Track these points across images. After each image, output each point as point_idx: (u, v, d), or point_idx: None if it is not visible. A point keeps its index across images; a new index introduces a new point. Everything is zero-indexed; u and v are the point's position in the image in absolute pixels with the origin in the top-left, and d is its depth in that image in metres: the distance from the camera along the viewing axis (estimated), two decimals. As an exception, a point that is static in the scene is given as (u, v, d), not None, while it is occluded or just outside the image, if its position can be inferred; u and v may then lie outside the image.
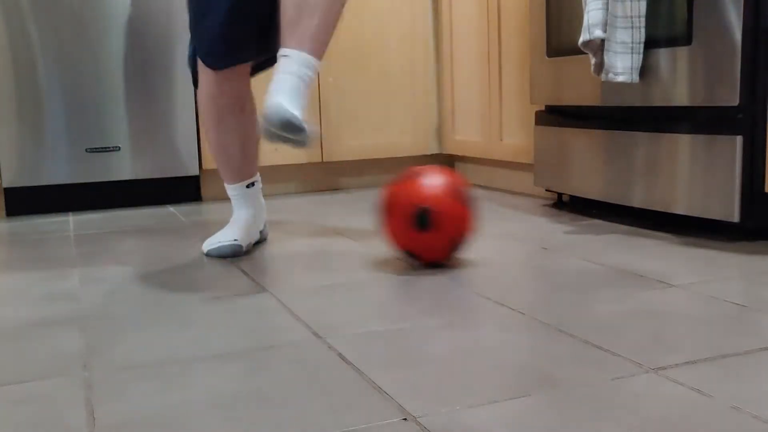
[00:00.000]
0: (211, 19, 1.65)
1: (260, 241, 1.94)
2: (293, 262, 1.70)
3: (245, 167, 1.83)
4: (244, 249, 1.80)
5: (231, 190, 1.85)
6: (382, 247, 1.81)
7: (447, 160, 3.13)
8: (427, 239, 1.54)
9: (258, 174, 1.88)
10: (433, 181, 1.55)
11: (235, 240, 1.79)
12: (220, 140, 1.79)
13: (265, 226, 1.94)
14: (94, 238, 2.08)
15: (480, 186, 2.91)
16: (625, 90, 1.94)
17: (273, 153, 2.78)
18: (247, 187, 1.84)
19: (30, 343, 1.19)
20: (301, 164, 2.88)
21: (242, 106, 1.77)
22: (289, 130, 1.42)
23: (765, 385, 0.93)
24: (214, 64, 1.69)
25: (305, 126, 1.42)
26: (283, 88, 1.44)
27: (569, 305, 1.28)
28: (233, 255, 1.78)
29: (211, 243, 1.81)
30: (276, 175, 2.87)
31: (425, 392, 0.94)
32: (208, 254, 1.80)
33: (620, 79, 1.83)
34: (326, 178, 2.95)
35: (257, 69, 1.84)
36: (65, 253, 1.88)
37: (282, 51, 1.49)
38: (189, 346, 1.15)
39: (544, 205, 2.36)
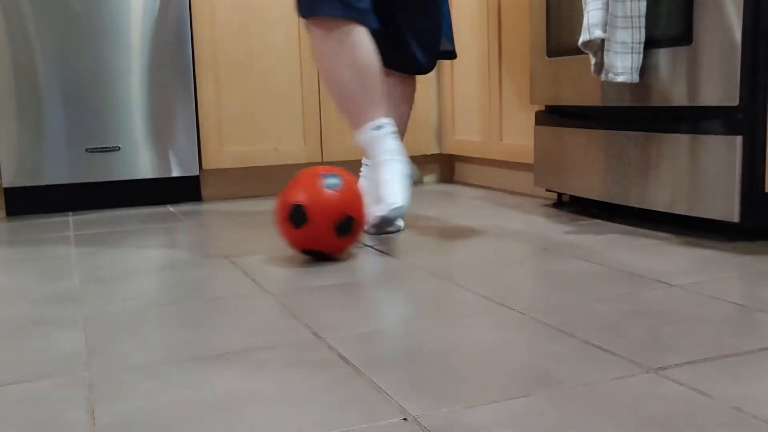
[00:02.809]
0: None
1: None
2: (293, 262, 1.70)
3: (371, 105, 1.81)
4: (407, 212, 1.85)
5: (360, 135, 1.84)
6: (383, 247, 1.81)
7: (447, 160, 3.13)
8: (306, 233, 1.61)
9: (389, 118, 1.85)
10: (299, 180, 1.64)
11: (401, 206, 1.79)
12: (342, 81, 1.80)
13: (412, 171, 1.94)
14: (94, 238, 2.08)
15: (480, 186, 2.91)
16: (625, 90, 1.94)
17: (273, 153, 2.78)
18: (377, 129, 1.81)
19: (30, 343, 1.19)
20: (302, 164, 2.88)
21: (354, 42, 1.78)
22: (389, 233, 1.93)
23: (765, 385, 0.93)
24: (305, 13, 1.79)
25: (400, 226, 1.96)
26: (372, 202, 1.84)
27: (569, 305, 1.28)
28: (398, 217, 1.83)
29: (380, 216, 1.81)
30: (276, 175, 2.87)
31: (425, 392, 0.94)
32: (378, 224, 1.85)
33: (620, 79, 1.83)
34: (326, 178, 2.94)
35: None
36: (65, 253, 1.88)
37: (365, 161, 2.00)
38: (189, 346, 1.15)
39: (544, 205, 2.36)
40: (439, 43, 2.01)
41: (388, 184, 1.79)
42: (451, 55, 2.07)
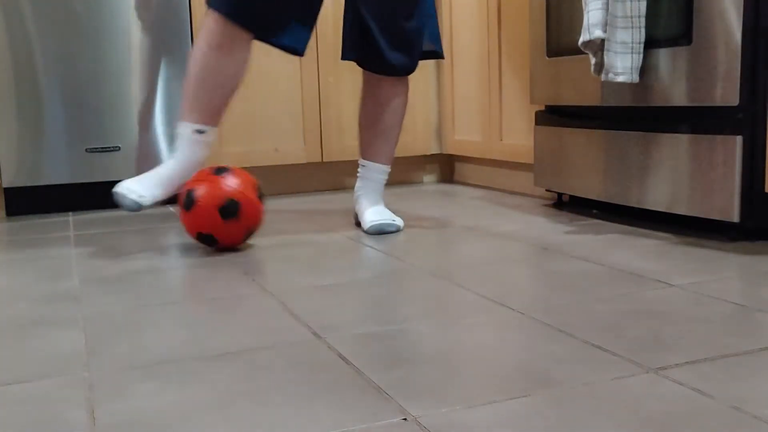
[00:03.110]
0: None
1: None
2: (293, 261, 1.70)
3: (206, 110, 1.85)
4: (145, 206, 1.82)
5: (180, 127, 1.87)
6: (383, 247, 1.81)
7: (447, 160, 3.13)
8: (230, 227, 1.77)
9: (216, 126, 1.89)
10: (235, 178, 1.78)
11: (141, 196, 1.81)
12: (198, 73, 1.83)
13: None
14: (94, 238, 2.08)
15: (480, 186, 2.91)
16: (625, 90, 1.94)
17: (273, 153, 2.78)
18: (196, 132, 1.85)
19: (30, 343, 1.19)
20: (302, 164, 2.88)
21: (233, 49, 1.83)
22: (388, 232, 1.99)
23: (765, 385, 0.93)
24: (226, 13, 1.80)
25: (399, 225, 2.01)
26: (370, 202, 2.05)
27: (569, 305, 1.28)
28: (128, 210, 1.82)
29: (124, 185, 1.83)
30: (276, 174, 2.87)
31: (425, 392, 0.94)
32: (113, 192, 1.83)
33: (620, 79, 1.83)
34: (326, 178, 2.95)
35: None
36: (65, 253, 1.88)
37: (362, 161, 2.07)
38: (189, 346, 1.15)
39: (544, 205, 2.36)
40: (418, 45, 1.99)
41: (150, 173, 1.87)
42: (436, 55, 2.05)
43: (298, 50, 1.91)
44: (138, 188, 1.82)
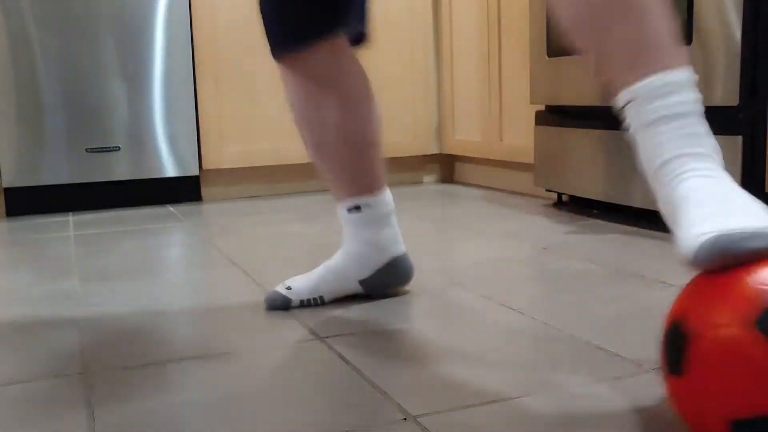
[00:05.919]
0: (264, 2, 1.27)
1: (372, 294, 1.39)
2: (293, 262, 1.70)
3: (346, 180, 1.31)
4: (295, 303, 1.33)
5: (338, 211, 1.36)
6: (382, 247, 1.81)
7: (447, 160, 3.13)
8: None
9: (377, 195, 1.32)
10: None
11: (288, 288, 1.34)
12: (309, 140, 1.32)
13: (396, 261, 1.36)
14: (94, 238, 2.08)
15: (480, 186, 2.91)
16: (625, 90, 1.94)
17: (273, 153, 2.78)
18: (349, 211, 1.33)
19: (30, 343, 1.19)
20: (302, 164, 2.88)
21: (331, 93, 1.32)
22: (744, 250, 0.76)
23: (765, 385, 0.93)
24: (274, 54, 1.29)
25: None
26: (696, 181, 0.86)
27: (569, 305, 1.28)
28: (273, 308, 1.33)
29: (287, 283, 1.36)
30: (277, 175, 2.87)
31: (425, 392, 0.94)
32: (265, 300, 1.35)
33: (620, 79, 1.83)
34: (326, 178, 2.94)
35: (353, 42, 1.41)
36: (65, 253, 1.88)
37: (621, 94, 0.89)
38: (189, 346, 1.15)
39: (544, 205, 2.36)
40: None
41: (319, 268, 1.37)
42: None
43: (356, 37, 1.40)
44: (296, 285, 1.34)
